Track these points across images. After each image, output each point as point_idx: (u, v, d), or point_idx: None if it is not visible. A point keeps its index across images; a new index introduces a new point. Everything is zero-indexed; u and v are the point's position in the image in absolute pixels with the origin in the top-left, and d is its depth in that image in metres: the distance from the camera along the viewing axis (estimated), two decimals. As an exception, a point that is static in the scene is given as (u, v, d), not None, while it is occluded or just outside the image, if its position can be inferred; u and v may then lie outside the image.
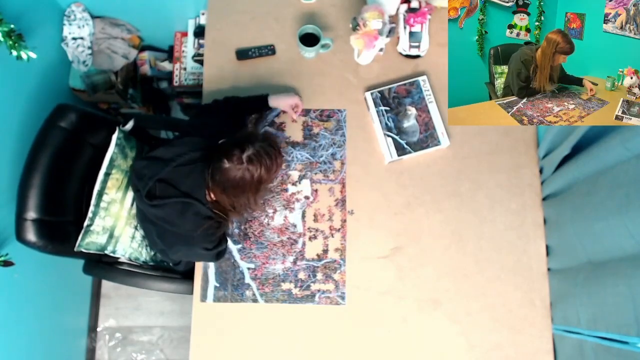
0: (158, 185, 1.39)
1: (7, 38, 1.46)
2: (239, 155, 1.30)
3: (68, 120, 1.52)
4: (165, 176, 1.39)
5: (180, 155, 1.40)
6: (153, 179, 1.38)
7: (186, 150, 1.40)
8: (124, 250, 1.61)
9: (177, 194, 1.38)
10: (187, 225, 1.40)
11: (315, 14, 1.79)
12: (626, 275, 1.13)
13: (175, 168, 1.39)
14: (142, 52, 2.27)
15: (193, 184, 1.39)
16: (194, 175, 1.39)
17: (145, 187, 1.39)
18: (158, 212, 1.41)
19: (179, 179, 1.39)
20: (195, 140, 1.45)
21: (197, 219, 1.39)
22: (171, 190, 1.39)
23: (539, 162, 1.64)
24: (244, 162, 1.29)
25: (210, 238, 1.44)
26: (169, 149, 1.43)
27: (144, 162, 1.45)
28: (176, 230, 1.42)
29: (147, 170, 1.41)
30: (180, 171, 1.39)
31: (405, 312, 1.56)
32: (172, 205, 1.39)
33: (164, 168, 1.39)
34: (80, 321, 2.39)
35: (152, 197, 1.39)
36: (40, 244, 1.45)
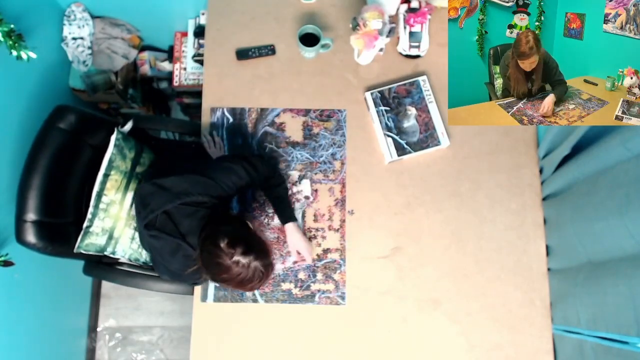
0: (160, 215, 1.37)
1: (7, 38, 1.46)
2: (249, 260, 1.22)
3: (67, 122, 1.52)
4: (168, 210, 1.36)
5: (189, 194, 1.34)
6: (156, 212, 1.35)
7: (196, 192, 1.35)
8: (124, 251, 1.61)
9: (174, 233, 1.36)
10: (177, 264, 1.40)
11: (315, 14, 1.79)
12: (626, 275, 1.13)
13: (180, 205, 1.35)
14: (142, 52, 2.27)
15: (190, 227, 1.35)
16: (194, 218, 1.35)
17: (146, 217, 1.37)
18: (153, 242, 1.40)
19: (180, 218, 1.36)
20: (210, 184, 1.36)
21: (187, 261, 1.37)
22: (170, 226, 1.36)
23: (539, 162, 1.64)
24: (248, 265, 1.23)
25: (196, 276, 1.41)
26: (181, 183, 1.37)
27: (150, 187, 1.39)
28: (166, 264, 1.42)
29: (153, 201, 1.37)
30: (184, 210, 1.35)
31: (405, 312, 1.56)
32: (167, 241, 1.37)
33: (169, 202, 1.34)
34: (80, 321, 2.39)
35: (151, 226, 1.38)
36: (40, 246, 1.45)
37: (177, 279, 1.46)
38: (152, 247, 1.43)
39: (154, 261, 1.48)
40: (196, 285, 1.56)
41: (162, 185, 1.37)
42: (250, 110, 1.71)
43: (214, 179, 1.37)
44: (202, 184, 1.36)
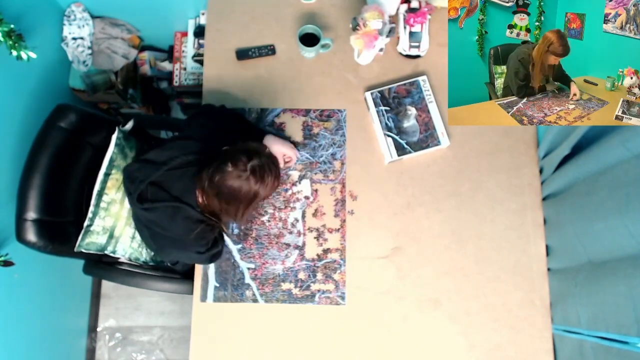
0: (150, 188, 1.39)
1: (7, 38, 1.46)
2: (245, 163, 1.29)
3: (68, 121, 1.52)
4: (157, 179, 1.38)
5: (173, 158, 1.39)
6: (144, 182, 1.38)
7: (179, 154, 1.40)
8: (124, 250, 1.61)
9: (167, 198, 1.37)
10: (178, 229, 1.39)
11: (315, 14, 1.79)
12: (626, 275, 1.13)
13: (167, 171, 1.38)
14: (142, 52, 2.28)
15: (184, 188, 1.38)
16: (185, 178, 1.38)
17: (136, 190, 1.39)
18: (149, 216, 1.41)
19: (171, 183, 1.38)
20: (189, 143, 1.44)
21: (188, 223, 1.38)
22: (162, 194, 1.38)
23: (539, 162, 1.64)
24: (248, 171, 1.29)
25: (201, 242, 1.43)
26: (162, 152, 1.42)
27: (136, 164, 1.45)
28: (167, 233, 1.42)
29: (139, 173, 1.41)
30: (172, 175, 1.38)
31: (406, 312, 1.56)
32: (163, 209, 1.38)
33: (155, 171, 1.38)
34: (80, 321, 2.39)
35: (144, 200, 1.39)
36: (41, 245, 1.45)
37: (182, 248, 1.44)
38: (150, 222, 1.42)
39: (155, 239, 1.47)
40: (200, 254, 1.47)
41: (145, 159, 1.43)
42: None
43: (187, 137, 1.45)
44: (180, 146, 1.43)
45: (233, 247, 1.61)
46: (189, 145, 1.43)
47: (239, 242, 1.61)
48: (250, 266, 1.60)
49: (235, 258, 1.60)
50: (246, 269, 1.59)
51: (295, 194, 1.65)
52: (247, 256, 1.60)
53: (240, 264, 1.60)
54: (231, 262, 1.60)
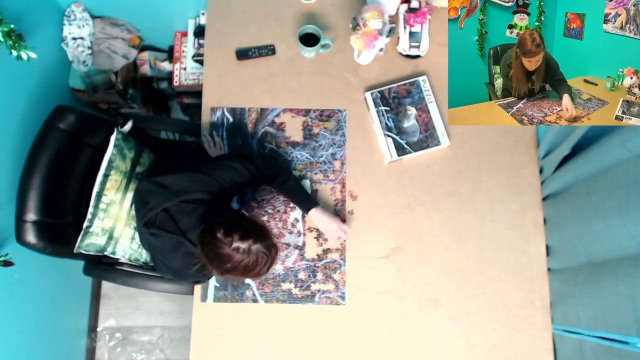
0: (159, 213, 1.37)
1: (7, 38, 1.46)
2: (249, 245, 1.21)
3: (67, 122, 1.52)
4: (168, 207, 1.37)
5: (189, 192, 1.35)
6: (155, 210, 1.36)
7: (195, 190, 1.35)
8: (124, 251, 1.61)
9: (174, 230, 1.36)
10: (178, 262, 1.40)
11: (315, 14, 1.79)
12: (626, 275, 1.13)
13: (179, 203, 1.35)
14: (142, 52, 2.28)
15: (190, 225, 1.35)
16: (194, 215, 1.35)
17: (146, 215, 1.37)
18: (153, 241, 1.40)
19: (180, 216, 1.36)
20: (208, 181, 1.37)
21: (189, 259, 1.37)
22: (170, 224, 1.36)
23: (539, 162, 1.64)
24: (248, 252, 1.21)
25: (197, 275, 1.42)
26: (180, 180, 1.37)
27: (150, 185, 1.39)
28: (168, 263, 1.42)
29: (152, 198, 1.37)
30: (183, 208, 1.36)
31: (406, 312, 1.56)
32: (168, 239, 1.37)
33: (168, 200, 1.35)
34: (80, 321, 2.39)
35: (151, 224, 1.37)
36: (40, 246, 1.45)
37: (180, 278, 1.46)
38: (153, 246, 1.43)
39: (154, 260, 1.48)
40: (198, 283, 1.56)
41: (161, 184, 1.38)
42: (250, 110, 1.71)
43: (212, 176, 1.38)
44: (200, 181, 1.37)
45: (233, 247, 1.61)
46: (207, 184, 1.37)
47: (239, 242, 1.61)
48: (250, 266, 1.59)
49: (235, 258, 1.60)
50: (246, 269, 1.59)
51: (295, 194, 1.65)
52: (247, 256, 1.60)
53: (240, 264, 1.60)
54: (231, 262, 1.60)
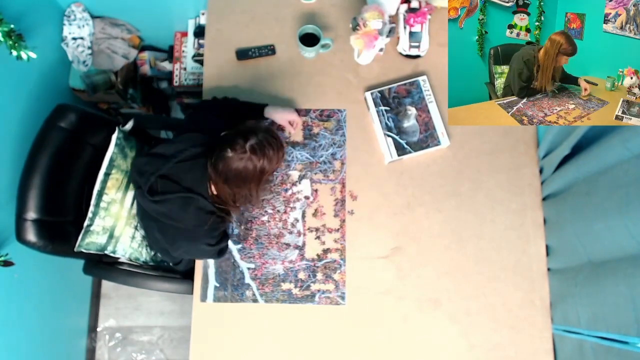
0: (159, 181, 1.40)
1: (7, 38, 1.46)
2: (243, 144, 1.30)
3: (68, 121, 1.52)
4: (166, 172, 1.39)
5: (182, 151, 1.40)
6: (154, 174, 1.39)
7: (187, 146, 1.41)
8: (124, 250, 1.61)
9: (179, 189, 1.39)
10: (190, 220, 1.41)
11: (315, 14, 1.79)
12: (626, 275, 1.13)
13: (176, 164, 1.39)
14: (142, 52, 2.27)
15: (195, 179, 1.39)
16: (195, 170, 1.39)
17: (147, 182, 1.40)
18: (160, 208, 1.41)
19: (181, 175, 1.40)
20: (196, 136, 1.45)
21: (200, 214, 1.40)
22: (173, 186, 1.39)
23: (539, 162, 1.64)
24: (247, 151, 1.30)
25: (213, 233, 1.45)
26: (170, 146, 1.44)
27: (145, 158, 1.46)
28: (179, 225, 1.42)
29: (149, 167, 1.42)
30: (182, 167, 1.40)
31: (406, 312, 1.56)
32: (174, 200, 1.39)
33: (165, 164, 1.39)
34: (80, 321, 2.39)
35: (154, 192, 1.40)
36: (40, 245, 1.45)
37: (194, 240, 1.44)
38: (161, 215, 1.42)
39: (164, 233, 1.45)
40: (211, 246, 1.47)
41: (154, 153, 1.45)
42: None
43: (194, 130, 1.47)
44: (187, 138, 1.44)
45: (233, 247, 1.61)
46: (196, 138, 1.44)
47: (239, 242, 1.61)
48: (250, 266, 1.60)
49: (235, 258, 1.60)
50: (246, 269, 1.59)
51: (295, 194, 1.65)
52: (247, 256, 1.60)
53: (240, 264, 1.60)
54: (231, 262, 1.60)
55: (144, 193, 1.40)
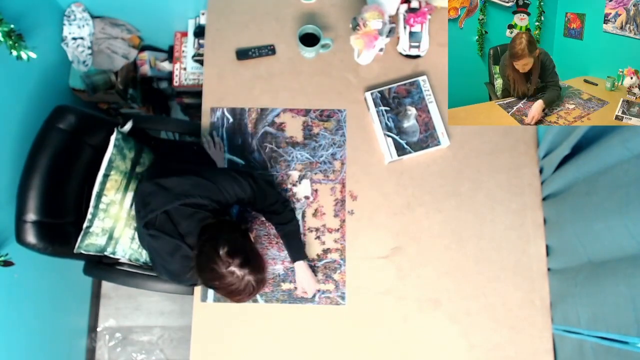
0: (159, 215, 1.37)
1: (7, 38, 1.46)
2: (243, 274, 1.22)
3: (67, 122, 1.52)
4: (168, 210, 1.36)
5: (189, 196, 1.34)
6: (156, 212, 1.36)
7: (197, 194, 1.35)
8: (124, 251, 1.61)
9: (173, 233, 1.36)
10: (176, 265, 1.40)
11: (315, 14, 1.79)
12: (626, 275, 1.13)
13: (180, 206, 1.35)
14: (142, 52, 2.27)
15: (189, 229, 1.35)
16: (194, 220, 1.35)
17: (146, 216, 1.37)
18: (152, 242, 1.40)
19: (180, 219, 1.36)
20: (211, 188, 1.36)
21: (185, 262, 1.37)
22: (169, 226, 1.36)
23: (539, 162, 1.64)
24: (241, 277, 1.22)
25: (193, 278, 1.40)
26: (182, 183, 1.36)
27: (151, 186, 1.39)
28: (165, 265, 1.42)
29: (153, 200, 1.37)
30: (183, 211, 1.35)
31: (406, 312, 1.56)
32: (166, 241, 1.37)
33: (170, 203, 1.35)
34: (80, 321, 2.39)
35: (151, 225, 1.38)
36: (40, 246, 1.45)
37: (176, 280, 1.46)
38: (151, 247, 1.43)
39: (152, 261, 1.48)
40: (195, 286, 1.56)
41: (163, 185, 1.37)
42: (250, 110, 1.71)
43: (216, 184, 1.37)
44: (203, 187, 1.36)
45: (233, 247, 1.61)
46: (209, 190, 1.36)
47: (239, 242, 1.61)
48: (250, 266, 1.59)
49: (235, 258, 1.60)
50: (246, 269, 1.59)
51: (295, 194, 1.65)
52: (247, 256, 1.60)
53: (240, 264, 1.60)
54: (231, 262, 1.60)
55: (141, 224, 1.39)
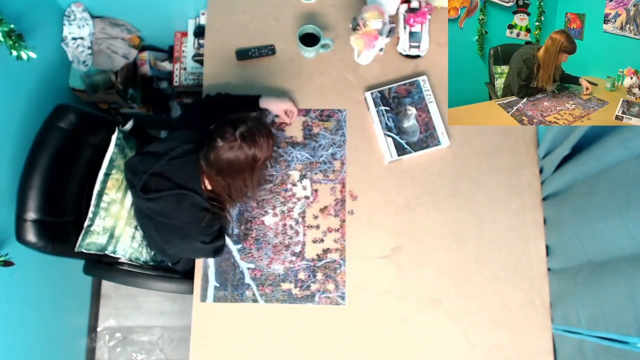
0: (153, 179, 1.40)
1: (7, 38, 1.46)
2: (232, 132, 1.29)
3: (67, 121, 1.52)
4: (159, 170, 1.40)
5: (173, 148, 1.41)
6: (147, 172, 1.39)
7: (179, 143, 1.42)
8: (125, 250, 1.61)
9: (172, 187, 1.39)
10: (184, 217, 1.41)
11: (315, 14, 1.79)
12: (626, 275, 1.13)
13: (168, 161, 1.40)
14: (142, 52, 2.28)
15: (187, 176, 1.40)
16: (187, 166, 1.39)
17: (139, 181, 1.40)
18: (154, 206, 1.41)
19: (173, 172, 1.40)
20: (187, 133, 1.45)
21: (194, 210, 1.40)
22: (166, 183, 1.40)
23: (539, 162, 1.64)
24: (237, 139, 1.29)
25: (207, 231, 1.44)
26: (162, 144, 1.45)
27: (137, 157, 1.47)
28: (173, 223, 1.42)
29: (141, 165, 1.43)
30: (174, 164, 1.40)
31: (405, 312, 1.56)
32: (168, 197, 1.39)
33: (157, 162, 1.40)
34: (80, 321, 2.39)
35: (147, 190, 1.40)
36: (41, 245, 1.45)
37: (188, 238, 1.43)
38: (154, 213, 1.43)
39: (159, 230, 1.46)
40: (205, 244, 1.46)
41: (145, 152, 1.46)
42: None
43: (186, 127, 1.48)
44: (179, 136, 1.45)
45: (233, 247, 1.61)
46: (187, 135, 1.45)
47: (239, 242, 1.61)
48: (250, 266, 1.60)
49: (235, 258, 1.60)
50: (246, 269, 1.59)
51: (295, 194, 1.65)
52: (247, 256, 1.60)
53: (240, 264, 1.60)
54: (231, 262, 1.60)
55: (137, 191, 1.41)
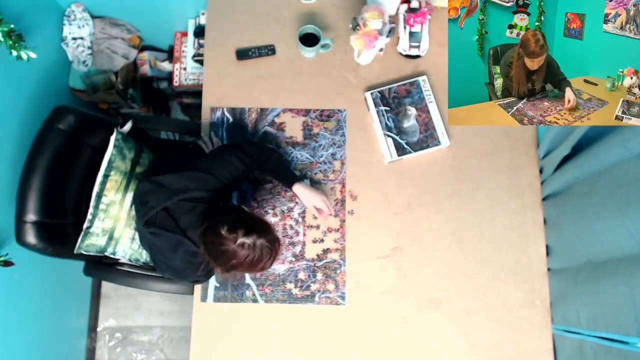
0: (159, 213, 1.37)
1: (7, 38, 1.45)
2: (241, 237, 1.22)
3: (66, 123, 1.52)
4: (168, 206, 1.37)
5: (188, 190, 1.35)
6: (155, 209, 1.36)
7: (195, 187, 1.36)
8: (124, 251, 1.61)
9: (174, 229, 1.36)
10: (178, 261, 1.40)
11: (315, 14, 1.79)
12: (626, 275, 1.13)
13: (179, 201, 1.36)
14: (142, 52, 2.27)
15: (190, 223, 1.36)
16: (194, 214, 1.36)
17: (146, 214, 1.37)
18: (153, 240, 1.41)
19: (180, 214, 1.37)
20: (207, 179, 1.37)
21: (188, 257, 1.38)
22: (170, 222, 1.37)
23: (539, 162, 1.64)
24: (241, 246, 1.22)
25: (199, 274, 1.43)
26: (179, 179, 1.38)
27: (149, 185, 1.39)
28: (167, 262, 1.42)
29: (152, 198, 1.37)
30: (183, 206, 1.36)
31: (405, 312, 1.56)
32: (168, 238, 1.37)
33: (168, 199, 1.35)
34: (80, 321, 2.39)
35: (151, 223, 1.38)
36: (40, 247, 1.45)
37: (180, 277, 1.46)
38: (153, 245, 1.43)
39: (155, 260, 1.48)
40: (198, 283, 1.56)
41: (160, 183, 1.38)
42: (250, 110, 1.71)
43: (211, 173, 1.38)
44: (199, 179, 1.38)
45: (233, 247, 1.61)
46: (206, 181, 1.38)
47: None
48: (250, 266, 1.59)
49: (235, 258, 1.60)
50: (246, 269, 1.59)
51: (295, 194, 1.65)
52: (247, 256, 1.60)
53: (240, 264, 1.60)
54: (231, 262, 1.60)
55: (141, 221, 1.39)
